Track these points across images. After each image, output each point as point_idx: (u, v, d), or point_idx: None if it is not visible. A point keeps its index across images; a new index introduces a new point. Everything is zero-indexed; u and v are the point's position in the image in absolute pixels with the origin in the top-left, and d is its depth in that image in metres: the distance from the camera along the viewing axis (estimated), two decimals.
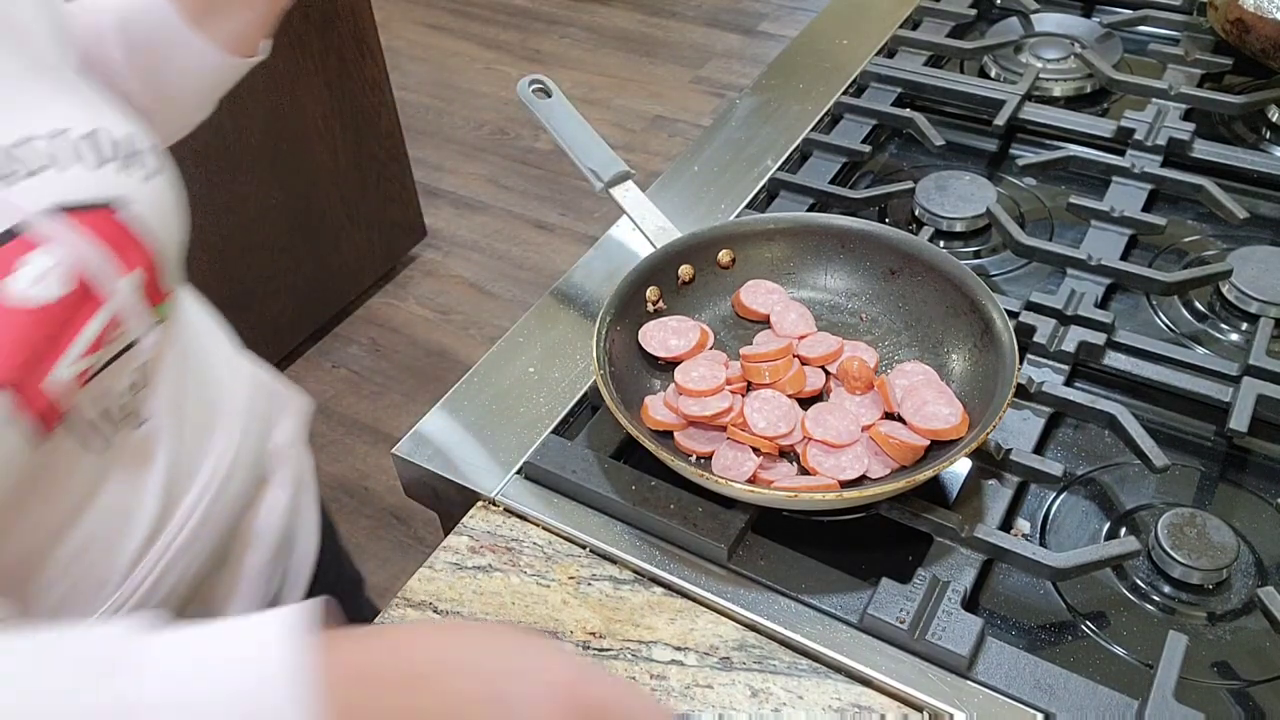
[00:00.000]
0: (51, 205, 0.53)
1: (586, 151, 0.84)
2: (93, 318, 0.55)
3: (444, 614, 0.66)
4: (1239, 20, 1.04)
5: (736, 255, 0.82)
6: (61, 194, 0.54)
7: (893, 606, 0.62)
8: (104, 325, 0.56)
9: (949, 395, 0.70)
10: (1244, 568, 0.67)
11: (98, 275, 0.55)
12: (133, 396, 0.62)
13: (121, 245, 0.57)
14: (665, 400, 0.72)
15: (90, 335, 0.55)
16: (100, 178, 0.57)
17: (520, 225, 2.58)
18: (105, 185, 0.57)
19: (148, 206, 0.59)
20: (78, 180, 0.55)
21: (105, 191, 0.57)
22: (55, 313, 0.53)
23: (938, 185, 0.93)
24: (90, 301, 0.55)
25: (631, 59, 3.10)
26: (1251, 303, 0.82)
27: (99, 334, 0.56)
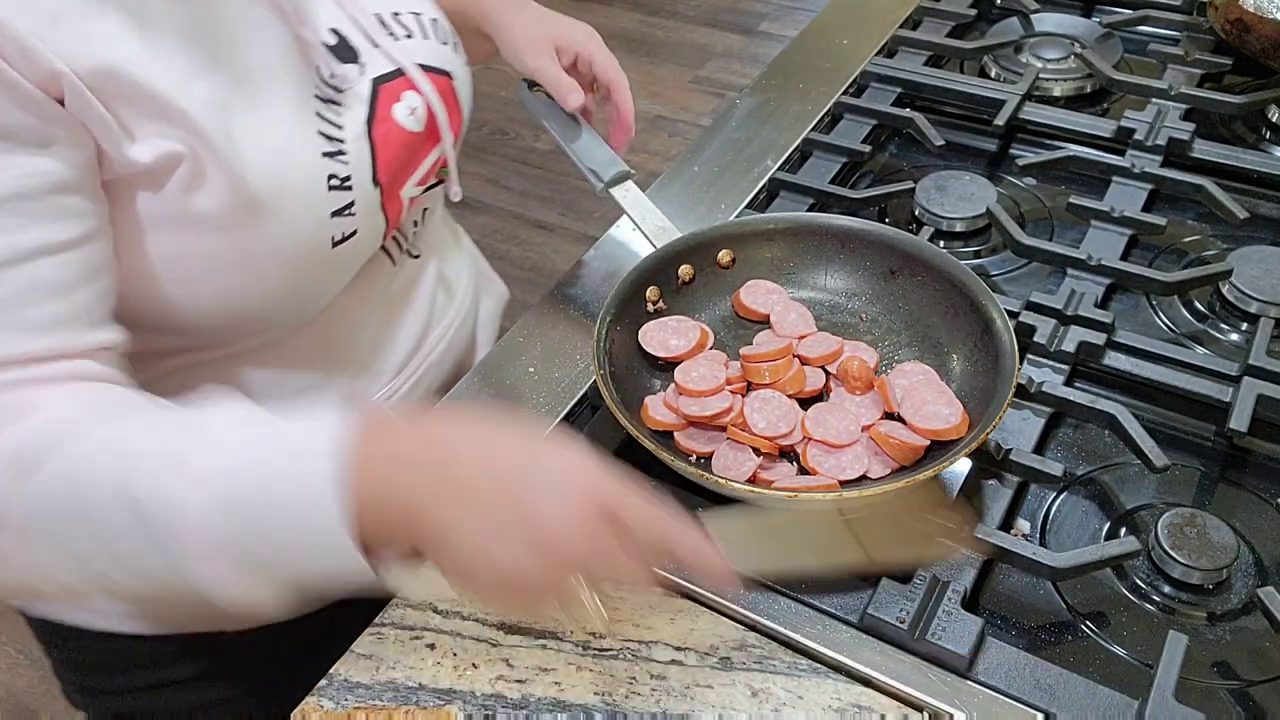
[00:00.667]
0: (418, 61, 0.71)
1: (586, 151, 0.84)
2: (431, 153, 0.73)
3: (444, 614, 0.66)
4: (1239, 20, 1.03)
5: (736, 255, 0.82)
6: (423, 56, 0.72)
7: (893, 606, 0.62)
8: (434, 162, 0.74)
9: (949, 395, 0.70)
10: (1244, 568, 0.66)
11: (441, 122, 0.73)
12: (415, 231, 0.80)
13: (451, 107, 0.74)
14: (665, 400, 0.72)
15: (427, 166, 0.73)
16: (443, 52, 0.75)
17: (520, 225, 2.58)
18: (446, 59, 0.75)
19: (465, 84, 0.77)
20: (431, 49, 0.73)
21: (446, 64, 0.74)
22: (415, 141, 0.71)
23: (938, 185, 0.93)
24: (432, 139, 0.73)
25: (631, 59, 3.10)
26: (1251, 303, 0.82)
27: (431, 167, 0.74)
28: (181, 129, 0.57)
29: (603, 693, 0.61)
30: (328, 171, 0.64)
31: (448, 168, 0.77)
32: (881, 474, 0.67)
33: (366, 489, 0.49)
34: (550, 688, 0.62)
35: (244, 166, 0.59)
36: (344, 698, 0.62)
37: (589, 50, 0.84)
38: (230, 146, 0.59)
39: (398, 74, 0.70)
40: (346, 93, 0.66)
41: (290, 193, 0.62)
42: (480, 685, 0.62)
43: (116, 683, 0.86)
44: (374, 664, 0.63)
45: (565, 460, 0.51)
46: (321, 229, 0.65)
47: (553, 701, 0.61)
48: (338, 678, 0.63)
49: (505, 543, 0.49)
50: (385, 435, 0.51)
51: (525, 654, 0.63)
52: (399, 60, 0.70)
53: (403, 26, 0.72)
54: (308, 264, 0.66)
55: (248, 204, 0.61)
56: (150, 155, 0.57)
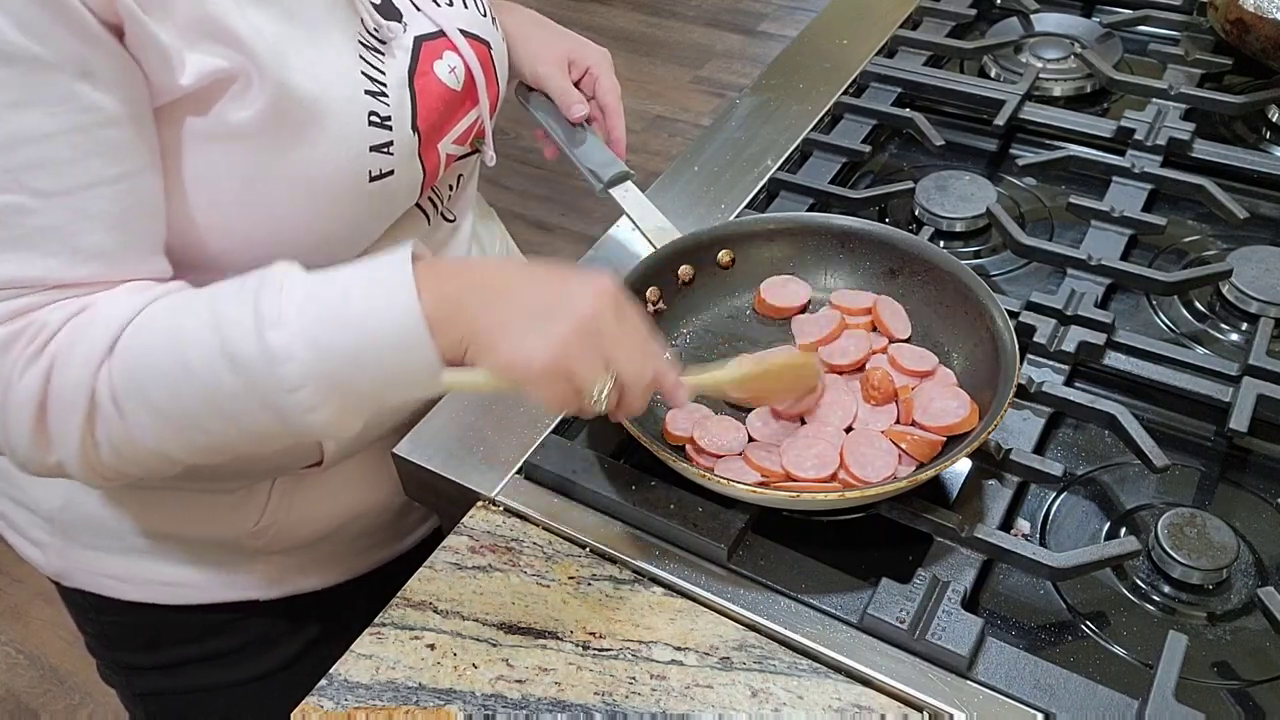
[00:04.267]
0: (459, 26, 0.74)
1: (586, 152, 0.85)
2: (469, 113, 0.75)
3: (444, 614, 0.66)
4: (1239, 20, 1.03)
5: (736, 255, 0.82)
6: (464, 22, 0.75)
7: (893, 606, 0.62)
8: (471, 123, 0.76)
9: (953, 388, 0.70)
10: (1244, 568, 0.66)
11: (478, 84, 0.75)
12: (449, 196, 0.82)
13: (488, 73, 0.77)
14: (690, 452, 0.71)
15: (464, 126, 0.75)
16: (482, 22, 0.77)
17: (520, 225, 2.58)
18: (485, 28, 0.77)
19: (501, 56, 0.80)
20: (473, 17, 0.76)
21: (485, 32, 0.77)
22: (454, 98, 0.73)
23: (938, 185, 0.93)
24: (470, 100, 0.75)
25: (631, 59, 3.10)
26: (1251, 303, 0.82)
27: (468, 128, 0.76)
28: (233, 49, 0.59)
29: (603, 693, 0.61)
30: (369, 109, 0.66)
31: (483, 137, 0.79)
32: (908, 473, 0.67)
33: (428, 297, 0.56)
34: (550, 688, 0.62)
35: (291, 88, 0.62)
36: (344, 698, 0.62)
37: (598, 71, 0.89)
38: (280, 68, 0.61)
39: (439, 34, 0.72)
40: (390, 44, 0.68)
41: (333, 118, 0.64)
42: (480, 685, 0.62)
43: (150, 658, 0.88)
44: (374, 664, 0.63)
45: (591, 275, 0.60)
46: (360, 160, 0.66)
47: (553, 701, 0.61)
48: (338, 678, 0.63)
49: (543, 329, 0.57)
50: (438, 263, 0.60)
51: (525, 654, 0.63)
52: (441, 22, 0.72)
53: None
54: (345, 197, 0.67)
55: (290, 123, 0.62)
56: (197, 76, 0.59)
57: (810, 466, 0.67)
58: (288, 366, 0.56)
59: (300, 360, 0.56)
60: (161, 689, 0.90)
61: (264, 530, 0.80)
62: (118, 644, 0.88)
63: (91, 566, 0.82)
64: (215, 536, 0.80)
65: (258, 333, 0.56)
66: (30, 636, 0.88)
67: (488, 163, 0.81)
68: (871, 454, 0.67)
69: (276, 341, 0.55)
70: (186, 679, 0.88)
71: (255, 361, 0.56)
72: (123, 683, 0.91)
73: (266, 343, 0.56)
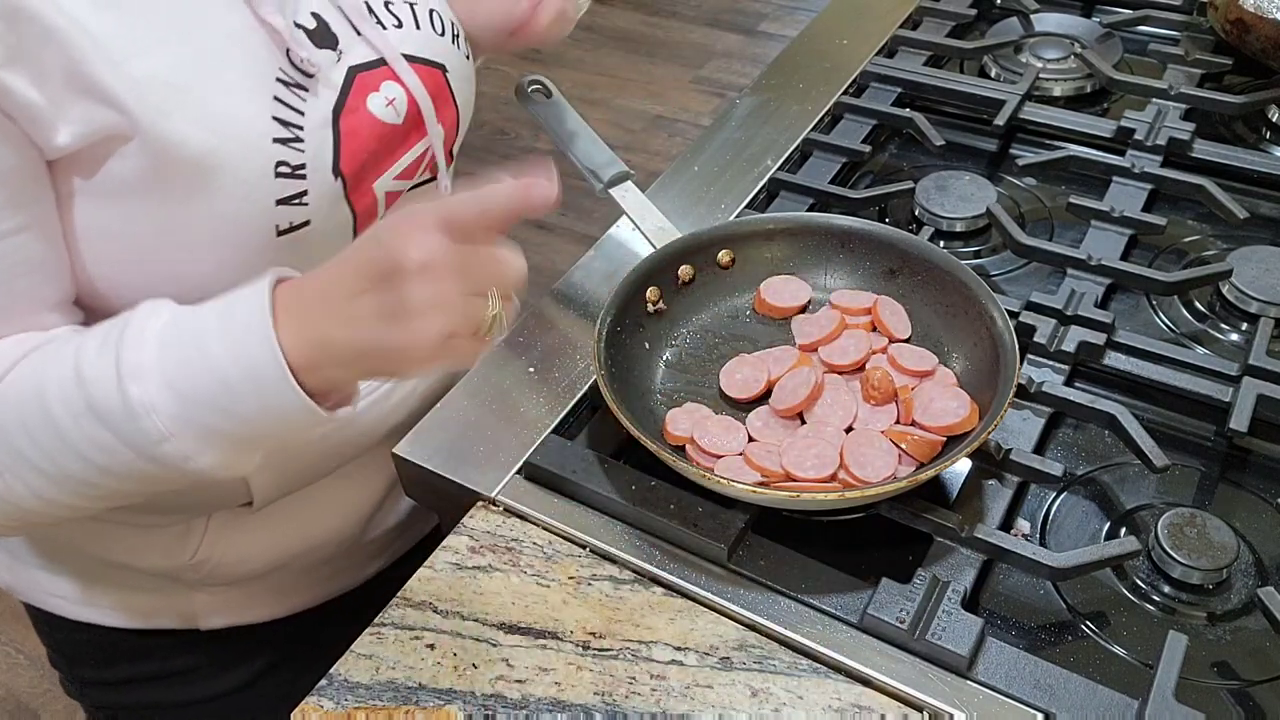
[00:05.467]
0: (404, 52, 0.69)
1: (586, 152, 0.85)
2: (413, 148, 0.71)
3: (444, 614, 0.66)
4: (1239, 20, 1.03)
5: (736, 255, 0.82)
6: (411, 47, 0.70)
7: (893, 606, 0.62)
8: (417, 157, 0.71)
9: (953, 389, 0.70)
10: (1244, 568, 0.66)
11: (426, 114, 0.70)
12: None
13: (441, 101, 0.72)
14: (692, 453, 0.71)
15: (408, 160, 0.71)
16: (438, 44, 0.72)
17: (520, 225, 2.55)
18: (440, 50, 0.73)
19: (462, 78, 0.75)
20: (425, 40, 0.71)
21: (439, 55, 0.72)
22: (392, 133, 0.68)
23: (938, 185, 0.93)
24: (416, 132, 0.70)
25: (631, 59, 3.10)
26: (1251, 303, 0.82)
27: (413, 163, 0.71)
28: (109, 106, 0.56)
29: (603, 693, 0.61)
30: (277, 158, 0.62)
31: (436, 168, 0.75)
32: (908, 473, 0.67)
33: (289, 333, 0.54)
34: (550, 688, 0.62)
35: (178, 143, 0.58)
36: (344, 698, 0.62)
37: None
38: (164, 123, 0.57)
39: (379, 63, 0.68)
40: (315, 78, 0.64)
41: (230, 172, 0.60)
42: (480, 685, 0.62)
43: (104, 674, 0.87)
44: (374, 664, 0.63)
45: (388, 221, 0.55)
46: (265, 215, 0.62)
47: (553, 701, 0.61)
48: (338, 678, 0.63)
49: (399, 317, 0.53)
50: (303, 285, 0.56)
51: (525, 654, 0.63)
52: (382, 50, 0.68)
53: (393, 16, 0.70)
54: (252, 252, 0.63)
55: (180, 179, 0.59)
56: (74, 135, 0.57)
57: (810, 466, 0.67)
58: (151, 419, 0.54)
59: (164, 412, 0.54)
60: (118, 704, 0.88)
61: (202, 564, 0.78)
62: (73, 660, 0.87)
63: (40, 585, 0.82)
64: (155, 567, 0.79)
65: (119, 387, 0.54)
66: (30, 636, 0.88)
67: (443, 193, 0.76)
68: (871, 454, 0.67)
69: (136, 395, 0.54)
70: (142, 696, 0.87)
71: (119, 415, 0.55)
72: (80, 696, 0.90)
73: (128, 396, 0.54)
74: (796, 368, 0.74)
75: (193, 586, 0.81)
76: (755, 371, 0.75)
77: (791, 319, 0.79)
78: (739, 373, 0.75)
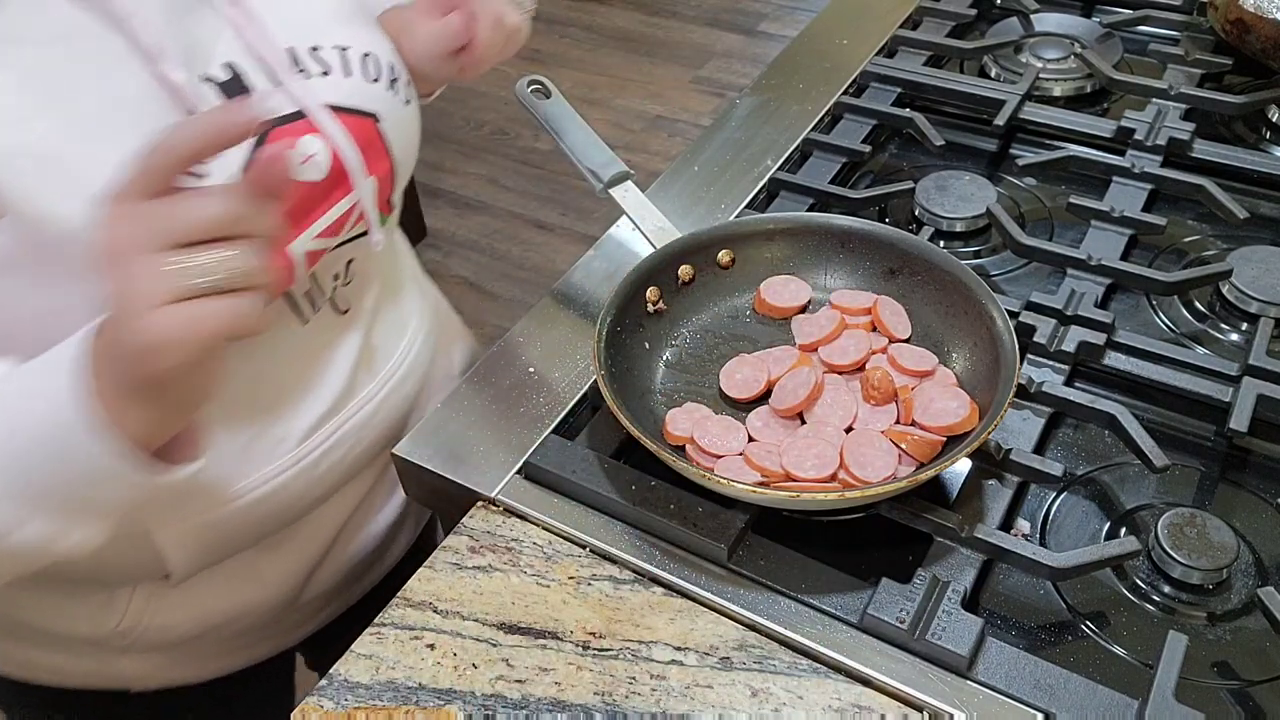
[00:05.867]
0: (330, 102, 0.64)
1: (586, 152, 0.84)
2: (338, 204, 0.66)
3: (444, 614, 0.66)
4: (1239, 20, 1.04)
5: (736, 255, 0.82)
6: (339, 96, 0.65)
7: (893, 606, 0.62)
8: (344, 213, 0.67)
9: (953, 389, 0.70)
10: (1244, 568, 0.66)
11: (351, 168, 0.66)
12: (338, 287, 0.73)
13: (373, 152, 0.67)
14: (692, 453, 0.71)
15: (333, 217, 0.66)
16: (370, 91, 0.68)
17: (520, 225, 2.58)
18: (373, 98, 0.68)
19: (399, 126, 0.70)
20: (353, 88, 0.67)
21: (371, 104, 0.68)
22: (312, 191, 0.64)
23: (938, 185, 0.93)
24: (340, 188, 0.66)
25: (631, 59, 3.10)
26: (1251, 303, 0.82)
27: (339, 219, 0.67)
28: None
29: (603, 693, 0.61)
30: None
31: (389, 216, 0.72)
32: (908, 473, 0.67)
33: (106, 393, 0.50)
34: (550, 688, 0.62)
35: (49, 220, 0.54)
36: (344, 698, 0.62)
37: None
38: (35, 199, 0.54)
39: (298, 116, 0.63)
40: None
41: None
42: (480, 685, 0.62)
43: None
44: (374, 664, 0.63)
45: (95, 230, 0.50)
46: None
47: (553, 701, 0.61)
48: (338, 678, 0.63)
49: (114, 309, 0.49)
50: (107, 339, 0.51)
51: (525, 654, 0.63)
52: (302, 101, 0.63)
53: (320, 63, 0.66)
54: None
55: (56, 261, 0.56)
56: None
57: (810, 466, 0.67)
58: None
59: None
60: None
61: (128, 632, 0.76)
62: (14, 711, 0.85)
63: None
64: (82, 634, 0.77)
65: None
66: None
67: (373, 248, 0.71)
68: (871, 454, 0.67)
69: None
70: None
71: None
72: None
73: None
74: (796, 368, 0.74)
75: (121, 651, 0.78)
76: (755, 371, 0.75)
77: (791, 319, 0.79)
78: (739, 373, 0.75)
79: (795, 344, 0.77)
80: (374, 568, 0.89)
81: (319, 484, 0.76)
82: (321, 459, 0.75)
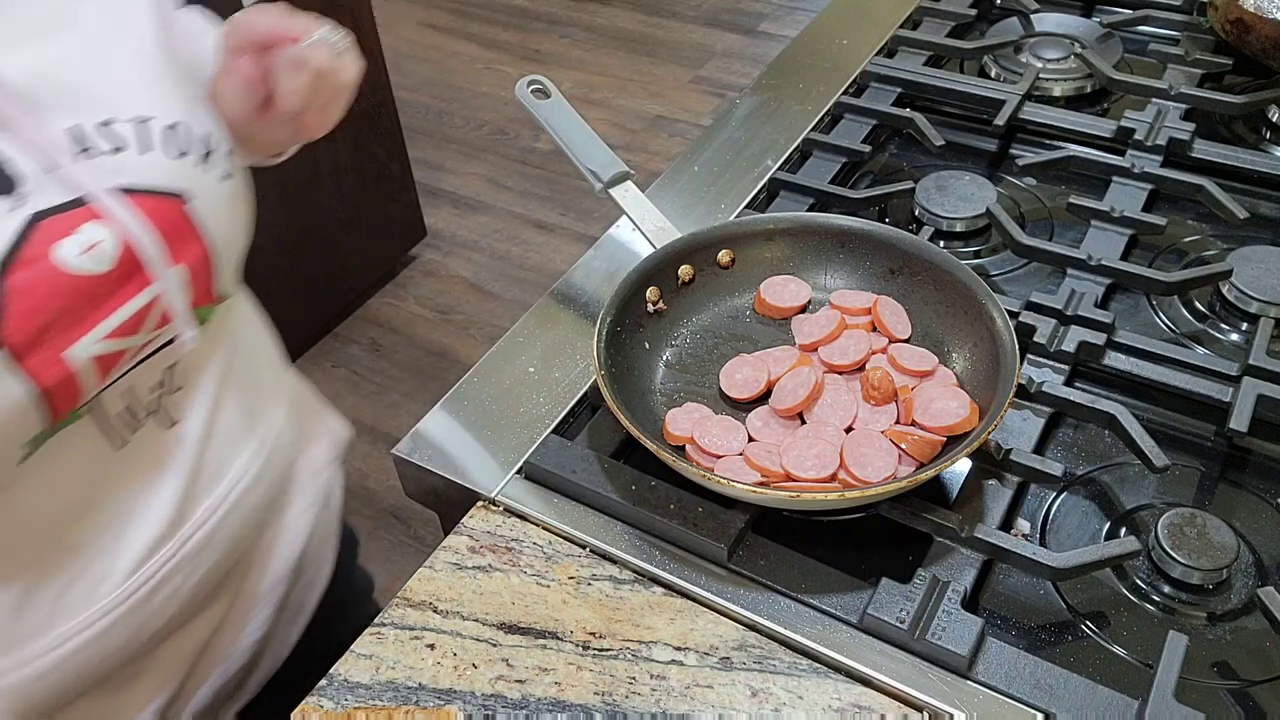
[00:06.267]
0: (121, 185, 0.56)
1: (586, 152, 0.84)
2: (132, 299, 0.57)
3: (444, 614, 0.66)
4: (1239, 20, 1.04)
5: (736, 255, 0.82)
6: (133, 176, 0.57)
7: (893, 606, 0.62)
8: (141, 308, 0.58)
9: (953, 389, 0.70)
10: (1244, 568, 0.66)
11: (149, 259, 0.57)
12: (162, 396, 0.64)
13: (179, 236, 0.59)
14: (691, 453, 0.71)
15: (125, 315, 0.57)
16: (175, 167, 0.59)
17: (520, 225, 2.58)
18: (179, 175, 0.59)
19: (215, 204, 0.61)
20: (153, 165, 0.58)
21: (177, 181, 0.59)
22: (96, 285, 0.55)
23: (938, 185, 0.93)
24: (134, 281, 0.57)
25: (631, 59, 3.10)
26: (1251, 303, 0.82)
27: (134, 316, 0.58)
28: None
29: (603, 693, 0.61)
30: None
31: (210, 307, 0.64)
32: (908, 473, 0.67)
33: None
34: (550, 688, 0.62)
35: None
36: (344, 698, 0.62)
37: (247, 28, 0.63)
38: None
39: (76, 204, 0.55)
40: None
41: None
42: (480, 685, 0.62)
43: None
44: (374, 664, 0.63)
45: None
46: None
47: (553, 701, 0.61)
48: (338, 678, 0.63)
49: None
50: None
51: (525, 654, 0.63)
52: (85, 185, 0.55)
53: (111, 139, 0.57)
54: None
55: None
56: None
57: (810, 466, 0.67)
58: None
59: None
60: None
61: None
62: None
63: None
64: None
65: None
66: None
67: (185, 346, 0.62)
68: (871, 454, 0.67)
69: None
70: None
71: None
72: None
73: None
74: (796, 368, 0.74)
75: None
76: (755, 371, 0.75)
77: (791, 319, 0.79)
78: (739, 373, 0.75)
79: (795, 344, 0.77)
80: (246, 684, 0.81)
81: (156, 618, 0.68)
82: (154, 593, 0.66)
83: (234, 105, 0.64)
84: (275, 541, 0.77)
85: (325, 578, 0.85)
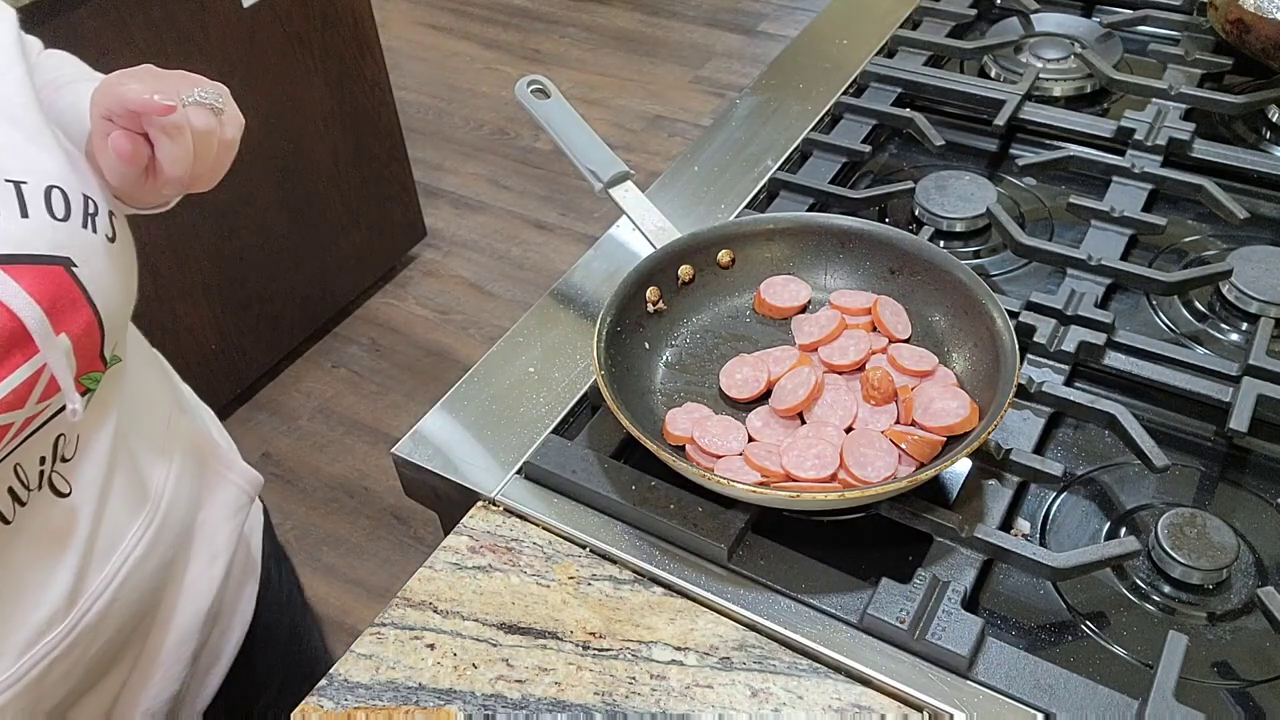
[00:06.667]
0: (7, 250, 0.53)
1: (586, 152, 0.84)
2: (16, 370, 0.55)
3: (444, 614, 0.66)
4: (1239, 20, 1.03)
5: (736, 255, 0.82)
6: (13, 243, 0.54)
7: (893, 606, 0.62)
8: (25, 380, 0.55)
9: (953, 389, 0.70)
10: (1244, 568, 0.66)
11: (31, 328, 0.54)
12: (50, 468, 0.61)
13: (65, 304, 0.56)
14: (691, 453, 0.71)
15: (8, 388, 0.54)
16: (57, 232, 0.56)
17: (520, 225, 2.58)
18: (61, 240, 0.56)
19: (103, 267, 0.59)
20: (33, 232, 0.55)
21: (60, 247, 0.56)
22: None
23: (938, 185, 0.93)
24: (19, 353, 0.54)
25: (631, 59, 3.10)
26: (1251, 303, 0.82)
27: (19, 388, 0.55)
28: None
29: (603, 693, 0.61)
30: None
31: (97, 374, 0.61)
32: (908, 473, 0.67)
33: None
34: (550, 688, 0.62)
35: None
36: (344, 698, 0.62)
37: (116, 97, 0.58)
38: None
39: None
40: None
41: None
42: (480, 685, 0.62)
43: None
44: (374, 664, 0.63)
45: None
46: None
47: (553, 701, 0.61)
48: (338, 678, 0.63)
49: None
50: None
51: (525, 654, 0.63)
52: None
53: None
54: None
55: None
56: None
57: (810, 466, 0.67)
58: None
59: None
60: None
61: None
62: None
63: None
64: None
65: None
66: None
67: (70, 417, 0.59)
68: (871, 454, 0.67)
69: None
70: None
71: None
72: None
73: None
74: (796, 368, 0.74)
75: None
76: (755, 371, 0.75)
77: (791, 319, 0.79)
78: (739, 373, 0.75)
79: (795, 344, 0.77)
80: None
81: (53, 693, 0.65)
82: (50, 669, 0.64)
83: (113, 179, 0.61)
84: (178, 599, 0.74)
85: (246, 618, 0.82)
